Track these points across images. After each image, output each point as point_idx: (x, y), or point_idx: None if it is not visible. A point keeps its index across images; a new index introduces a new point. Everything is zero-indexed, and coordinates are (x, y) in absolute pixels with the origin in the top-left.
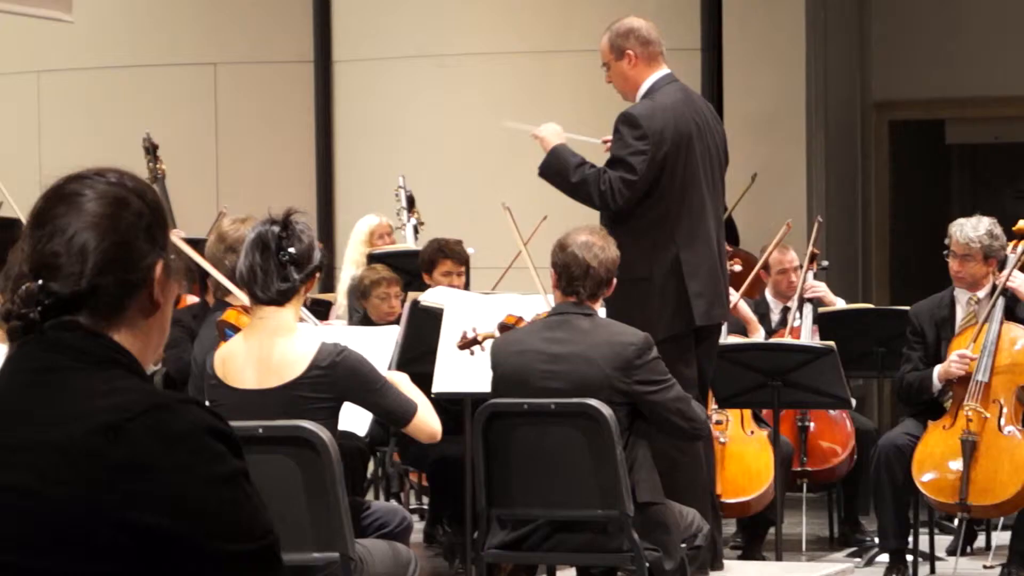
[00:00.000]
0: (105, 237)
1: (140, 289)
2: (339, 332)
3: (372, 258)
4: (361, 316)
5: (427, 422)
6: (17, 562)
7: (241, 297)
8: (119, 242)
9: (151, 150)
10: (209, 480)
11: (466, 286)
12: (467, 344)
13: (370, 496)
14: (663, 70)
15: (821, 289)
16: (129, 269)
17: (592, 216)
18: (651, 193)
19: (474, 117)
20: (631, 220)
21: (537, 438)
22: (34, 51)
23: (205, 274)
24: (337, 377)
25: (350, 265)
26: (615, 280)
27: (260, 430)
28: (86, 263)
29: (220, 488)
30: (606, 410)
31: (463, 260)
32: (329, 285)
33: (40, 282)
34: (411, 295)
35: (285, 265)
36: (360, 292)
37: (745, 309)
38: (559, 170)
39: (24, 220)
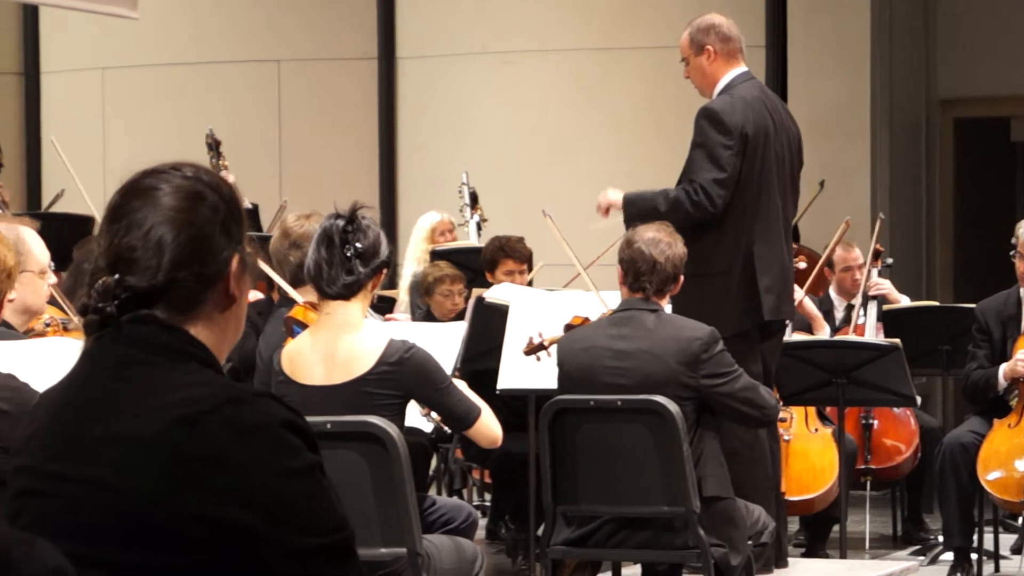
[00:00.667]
0: (181, 231)
1: (216, 283)
2: (406, 328)
3: (435, 255)
4: (424, 313)
5: (490, 427)
6: (94, 555)
7: (295, 296)
8: (195, 236)
9: (214, 146)
10: (284, 473)
11: (529, 283)
12: (533, 350)
13: (432, 492)
14: (741, 67)
15: (885, 287)
16: (205, 263)
17: None
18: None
19: (536, 114)
20: None
21: (603, 435)
22: (99, 48)
23: None
24: (404, 374)
25: (412, 262)
26: (682, 277)
27: (328, 426)
28: (163, 257)
29: (295, 481)
30: (672, 406)
31: (525, 258)
32: (391, 282)
33: (117, 276)
34: (475, 292)
35: (351, 259)
36: (423, 289)
37: (811, 306)
38: (644, 212)
39: (91, 216)
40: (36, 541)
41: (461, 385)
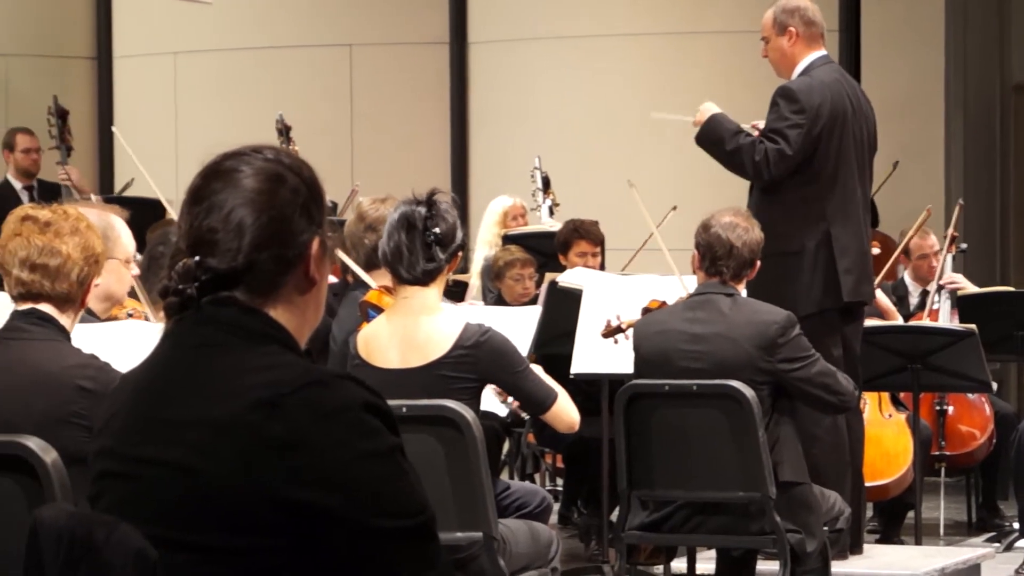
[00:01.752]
0: (262, 213)
1: (296, 265)
2: (481, 312)
3: (507, 239)
4: (495, 297)
5: (567, 411)
6: (174, 537)
7: (369, 281)
8: (276, 218)
9: (284, 132)
10: (365, 456)
11: (601, 267)
12: (611, 332)
13: (504, 477)
14: (821, 51)
15: (959, 280)
16: (286, 245)
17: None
18: (804, 169)
19: (609, 98)
20: (784, 195)
21: (678, 419)
22: (171, 33)
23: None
24: (480, 357)
25: (483, 246)
26: (759, 262)
27: (404, 409)
28: (243, 239)
29: (376, 464)
30: (748, 391)
31: (598, 241)
32: (463, 266)
33: (197, 258)
34: (547, 276)
35: (431, 245)
36: (494, 273)
37: (884, 300)
38: (715, 139)
39: (162, 201)
40: (119, 524)
41: (537, 370)
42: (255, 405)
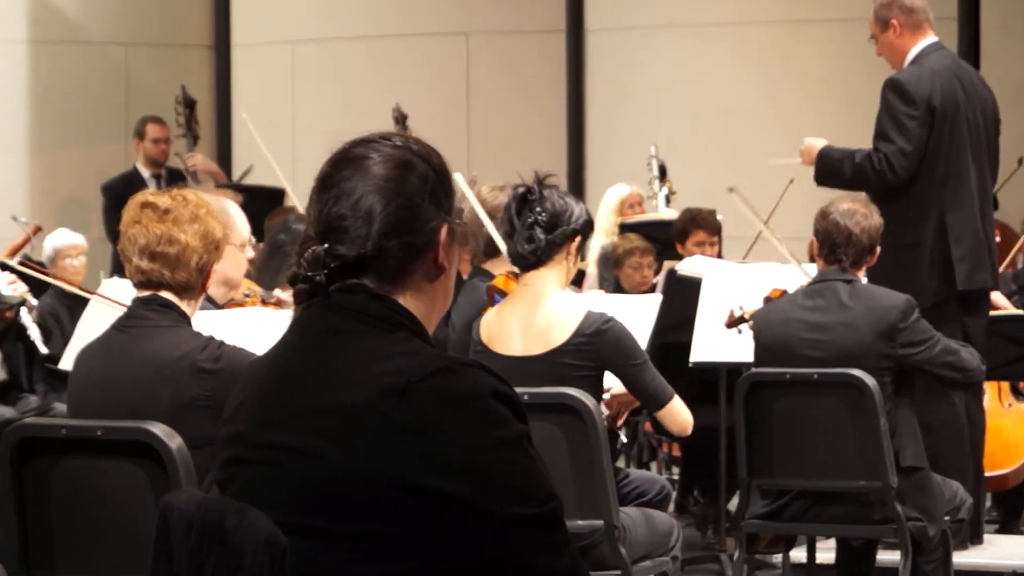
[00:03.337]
0: (391, 200)
1: (425, 252)
2: (602, 300)
3: (624, 227)
4: (612, 285)
5: (681, 412)
6: (302, 523)
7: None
8: (405, 205)
9: (400, 120)
10: (493, 443)
11: (718, 256)
12: (735, 323)
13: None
14: (930, 38)
15: None
16: (414, 232)
17: None
18: (919, 158)
19: (726, 86)
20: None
21: (799, 408)
22: (289, 21)
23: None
24: (601, 345)
25: (600, 234)
26: (879, 248)
27: (526, 397)
28: (372, 226)
29: (504, 451)
30: (870, 380)
31: (716, 230)
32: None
33: (326, 245)
34: (665, 264)
35: (531, 227)
36: (612, 261)
37: (1000, 299)
38: (832, 171)
39: (282, 188)
40: (249, 510)
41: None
42: (384, 392)
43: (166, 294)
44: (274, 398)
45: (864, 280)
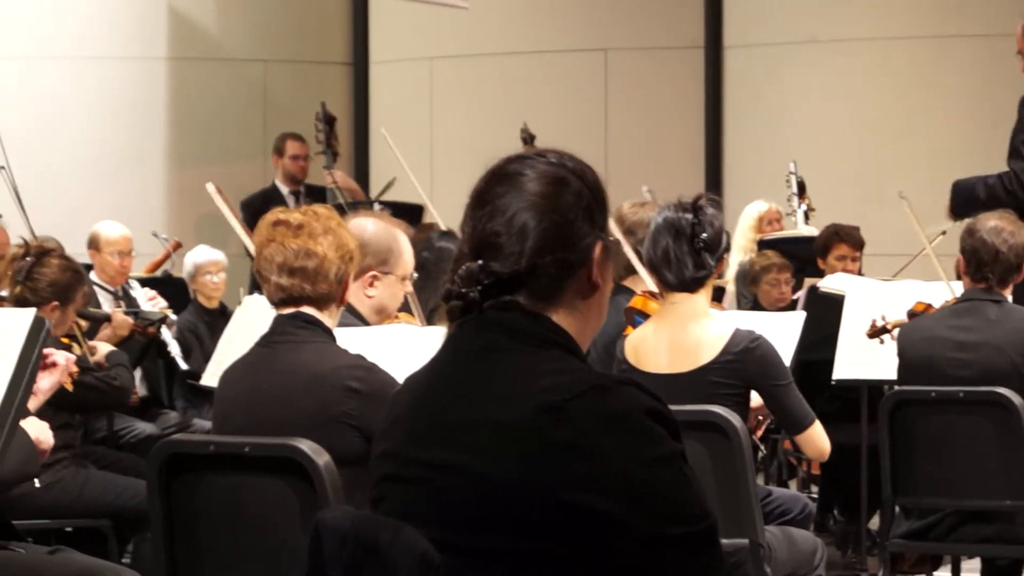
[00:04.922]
0: (545, 217)
1: (579, 270)
2: (743, 318)
3: (762, 244)
4: (750, 302)
5: (820, 436)
6: (455, 540)
7: (648, 282)
8: (559, 222)
9: (528, 140)
10: (649, 462)
11: (859, 272)
12: (877, 332)
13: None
14: None
15: None
16: (568, 249)
17: None
18: None
19: (867, 103)
20: None
21: (944, 426)
22: (428, 38)
23: None
24: (748, 364)
25: (738, 251)
26: None
27: None
28: (526, 242)
29: (660, 470)
30: (1016, 398)
31: (859, 245)
32: None
33: (480, 262)
34: (806, 281)
35: (699, 252)
36: (750, 278)
37: None
38: (966, 199)
39: (422, 205)
40: (403, 527)
41: None
42: (539, 409)
43: (308, 309)
44: (428, 415)
45: (1010, 298)
